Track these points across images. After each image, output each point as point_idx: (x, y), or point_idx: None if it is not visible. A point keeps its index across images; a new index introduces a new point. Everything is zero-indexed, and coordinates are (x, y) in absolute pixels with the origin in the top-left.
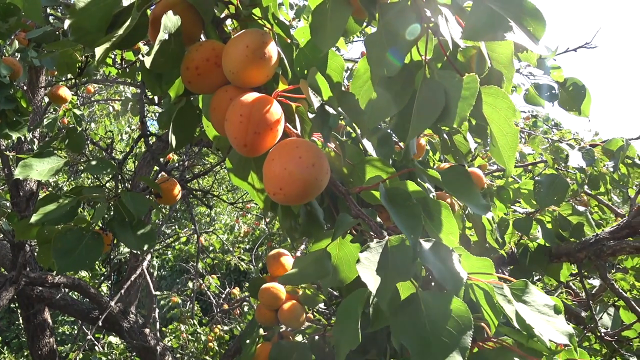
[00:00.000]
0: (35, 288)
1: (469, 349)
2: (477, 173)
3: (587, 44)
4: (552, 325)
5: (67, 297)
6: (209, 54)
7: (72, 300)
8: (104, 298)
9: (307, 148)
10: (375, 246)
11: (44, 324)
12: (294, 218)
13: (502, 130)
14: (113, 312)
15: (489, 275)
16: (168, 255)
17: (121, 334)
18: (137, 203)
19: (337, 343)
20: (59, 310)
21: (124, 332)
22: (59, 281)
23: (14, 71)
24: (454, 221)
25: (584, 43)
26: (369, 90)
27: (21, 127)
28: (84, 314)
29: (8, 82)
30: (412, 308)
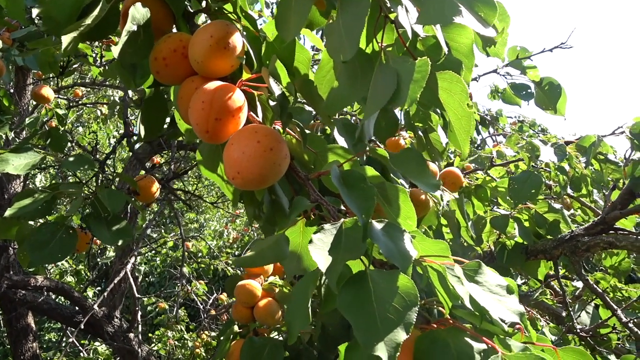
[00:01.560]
0: (18, 291)
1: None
2: (455, 172)
3: (562, 44)
4: (503, 304)
5: (50, 301)
6: (176, 45)
7: (55, 304)
8: (88, 302)
9: (266, 133)
10: (329, 228)
11: (27, 329)
12: (257, 206)
13: (456, 114)
14: (97, 316)
15: (445, 258)
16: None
17: (105, 338)
18: (113, 199)
19: (289, 323)
20: (43, 314)
21: (108, 337)
22: (42, 284)
23: None
24: (411, 205)
25: (559, 43)
26: (331, 80)
27: (2, 125)
28: (67, 318)
29: None
30: (360, 285)
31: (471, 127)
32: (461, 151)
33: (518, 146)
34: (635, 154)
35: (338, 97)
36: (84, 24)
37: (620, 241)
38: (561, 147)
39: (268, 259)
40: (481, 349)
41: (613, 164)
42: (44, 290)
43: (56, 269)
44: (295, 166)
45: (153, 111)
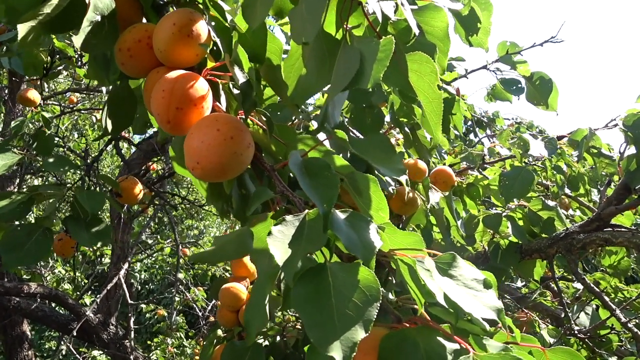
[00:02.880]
0: (12, 299)
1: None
2: (447, 171)
3: (552, 37)
4: (479, 300)
5: (45, 308)
6: (141, 35)
7: (50, 312)
8: (82, 309)
9: (226, 121)
10: (291, 219)
11: (22, 337)
12: (225, 200)
13: (427, 97)
14: (92, 323)
15: (418, 251)
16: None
17: (101, 346)
18: (92, 200)
19: (247, 323)
20: (37, 322)
21: (103, 344)
22: (36, 291)
23: None
24: (383, 196)
25: (549, 37)
26: (300, 68)
27: None
28: (62, 325)
29: None
30: (319, 279)
31: (441, 109)
32: (433, 136)
33: (510, 142)
34: (629, 148)
35: (306, 84)
36: (42, 12)
37: (616, 238)
38: (552, 140)
39: (229, 255)
40: (455, 349)
41: (607, 158)
42: (37, 297)
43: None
44: (261, 157)
45: (120, 105)
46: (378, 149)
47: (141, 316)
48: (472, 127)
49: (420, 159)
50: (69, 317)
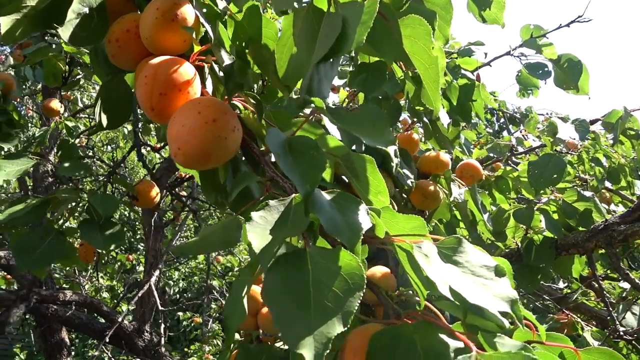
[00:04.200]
0: (50, 306)
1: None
2: (474, 164)
3: (579, 17)
4: (489, 289)
5: (82, 315)
6: (129, 25)
7: (86, 319)
8: (117, 316)
9: (209, 103)
10: (275, 204)
11: (61, 344)
12: (219, 192)
13: (423, 63)
14: (127, 330)
15: (420, 237)
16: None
17: (137, 353)
18: (105, 203)
19: (226, 319)
20: (74, 329)
21: (139, 351)
22: (71, 299)
23: (6, 85)
24: (381, 178)
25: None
26: (291, 47)
27: (12, 139)
28: (99, 333)
29: (0, 96)
30: (296, 265)
31: (438, 75)
32: (433, 107)
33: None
34: None
35: (297, 63)
36: (26, 4)
37: None
38: (582, 123)
39: (214, 245)
40: (458, 348)
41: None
42: (72, 304)
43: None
44: (251, 142)
45: (114, 100)
46: (365, 120)
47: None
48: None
49: (442, 151)
50: (105, 325)
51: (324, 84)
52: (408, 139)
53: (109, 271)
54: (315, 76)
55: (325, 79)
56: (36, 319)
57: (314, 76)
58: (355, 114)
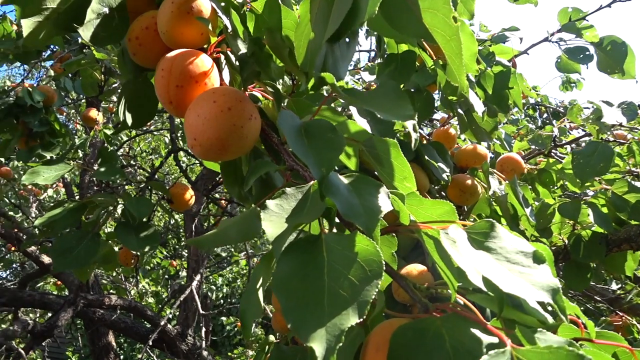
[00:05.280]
0: (96, 311)
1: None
2: (515, 158)
3: None
4: (527, 277)
5: (127, 319)
6: (147, 22)
7: (132, 323)
8: (161, 320)
9: (224, 92)
10: (293, 192)
11: (108, 347)
12: (242, 186)
13: (445, 36)
14: (171, 334)
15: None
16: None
17: (179, 356)
18: (139, 205)
19: (242, 314)
20: (120, 333)
21: (182, 355)
22: (116, 303)
23: (48, 97)
24: (406, 163)
25: None
26: (309, 33)
27: (54, 147)
28: (143, 337)
29: (41, 107)
30: (311, 252)
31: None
32: (458, 84)
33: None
34: None
35: (313, 47)
36: (47, 6)
37: None
38: (630, 105)
39: (233, 238)
40: (490, 343)
41: None
42: (118, 308)
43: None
44: (269, 131)
45: (139, 98)
46: (382, 96)
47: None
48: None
49: (479, 143)
50: (150, 329)
51: (340, 64)
52: (444, 134)
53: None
54: (330, 56)
55: (342, 60)
56: (84, 322)
57: (328, 56)
58: (371, 91)
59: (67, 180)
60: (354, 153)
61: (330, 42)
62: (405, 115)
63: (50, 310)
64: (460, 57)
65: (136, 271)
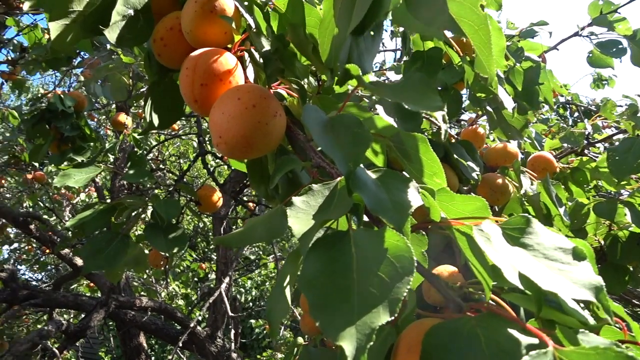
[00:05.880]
0: (128, 312)
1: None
2: (547, 157)
3: None
4: (567, 275)
5: (157, 321)
6: (172, 23)
7: (162, 325)
8: (191, 322)
9: (248, 89)
10: (319, 189)
11: (139, 348)
12: (268, 184)
13: (472, 26)
14: (200, 336)
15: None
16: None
17: (209, 358)
18: (168, 207)
19: (268, 314)
20: (151, 334)
21: (212, 356)
22: (147, 305)
23: (78, 102)
24: (435, 158)
25: None
26: (332, 29)
27: (85, 151)
28: (174, 338)
29: (72, 112)
30: (338, 248)
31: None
32: (488, 75)
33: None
34: None
35: (337, 42)
36: (74, 9)
37: None
38: None
39: (259, 236)
40: (530, 344)
41: None
42: (148, 310)
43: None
44: (295, 128)
45: (164, 98)
46: (408, 87)
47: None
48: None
49: (509, 142)
50: (180, 331)
51: (364, 57)
52: (473, 133)
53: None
54: (355, 49)
55: (366, 53)
56: (116, 324)
57: (353, 50)
58: (398, 83)
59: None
60: (382, 150)
61: (354, 36)
62: (434, 106)
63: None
64: (490, 47)
65: (166, 273)
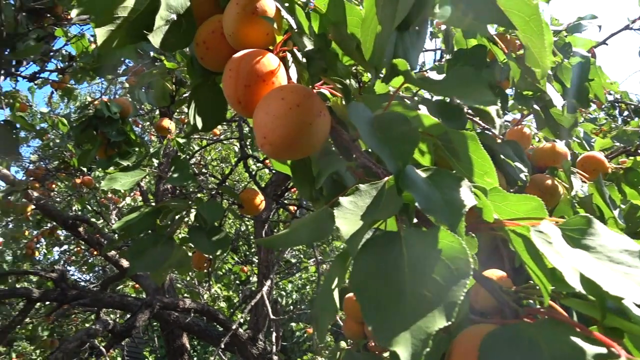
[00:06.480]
0: (171, 313)
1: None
2: (597, 157)
3: None
4: (635, 279)
5: (200, 322)
6: (214, 26)
7: (205, 326)
8: (232, 324)
9: (292, 89)
10: (367, 189)
11: (182, 348)
12: (313, 186)
13: (522, 17)
14: (242, 338)
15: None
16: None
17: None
18: (211, 210)
19: (316, 318)
20: (194, 335)
21: (253, 358)
22: (190, 307)
23: (124, 108)
24: (486, 156)
25: None
26: (375, 26)
27: (130, 156)
28: (216, 340)
29: (118, 118)
30: (389, 249)
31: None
32: (540, 68)
33: None
34: None
35: (381, 40)
36: (119, 15)
37: None
38: None
39: (304, 238)
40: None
41: None
42: (191, 312)
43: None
44: (339, 128)
45: (207, 101)
46: (458, 81)
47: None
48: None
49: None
50: (222, 332)
51: (410, 53)
52: (519, 133)
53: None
54: (400, 45)
55: (412, 49)
56: (160, 324)
57: (398, 45)
58: (446, 78)
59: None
60: (428, 150)
61: (399, 31)
62: (487, 100)
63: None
64: (543, 38)
65: (209, 276)
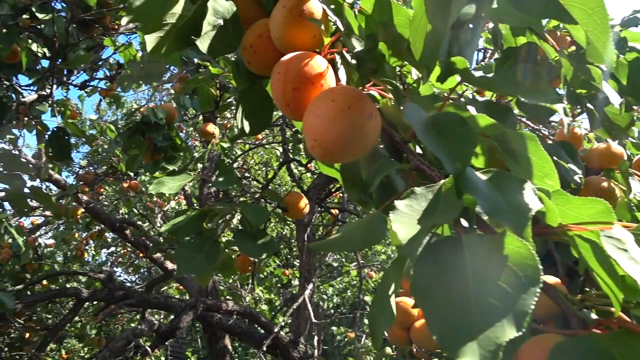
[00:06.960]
0: (214, 315)
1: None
2: None
3: None
4: None
5: (242, 325)
6: (261, 30)
7: (247, 328)
8: (274, 327)
9: (342, 91)
10: (422, 192)
11: (224, 350)
12: (362, 190)
13: (585, 10)
14: (284, 341)
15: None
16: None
17: None
18: (255, 214)
19: (371, 324)
20: (236, 337)
21: None
22: (233, 309)
23: (169, 114)
24: (547, 157)
25: None
26: (425, 26)
27: (176, 160)
28: (258, 342)
29: (164, 124)
30: (450, 255)
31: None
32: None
33: None
34: None
35: (433, 40)
36: (167, 22)
37: None
38: None
39: (358, 242)
40: None
41: None
42: (234, 314)
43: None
44: (391, 130)
45: (254, 105)
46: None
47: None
48: None
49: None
50: (263, 335)
51: (465, 51)
52: (570, 133)
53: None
54: (455, 43)
55: (467, 46)
56: (203, 326)
57: (453, 44)
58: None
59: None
60: (482, 151)
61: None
62: (553, 98)
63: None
64: (607, 30)
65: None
